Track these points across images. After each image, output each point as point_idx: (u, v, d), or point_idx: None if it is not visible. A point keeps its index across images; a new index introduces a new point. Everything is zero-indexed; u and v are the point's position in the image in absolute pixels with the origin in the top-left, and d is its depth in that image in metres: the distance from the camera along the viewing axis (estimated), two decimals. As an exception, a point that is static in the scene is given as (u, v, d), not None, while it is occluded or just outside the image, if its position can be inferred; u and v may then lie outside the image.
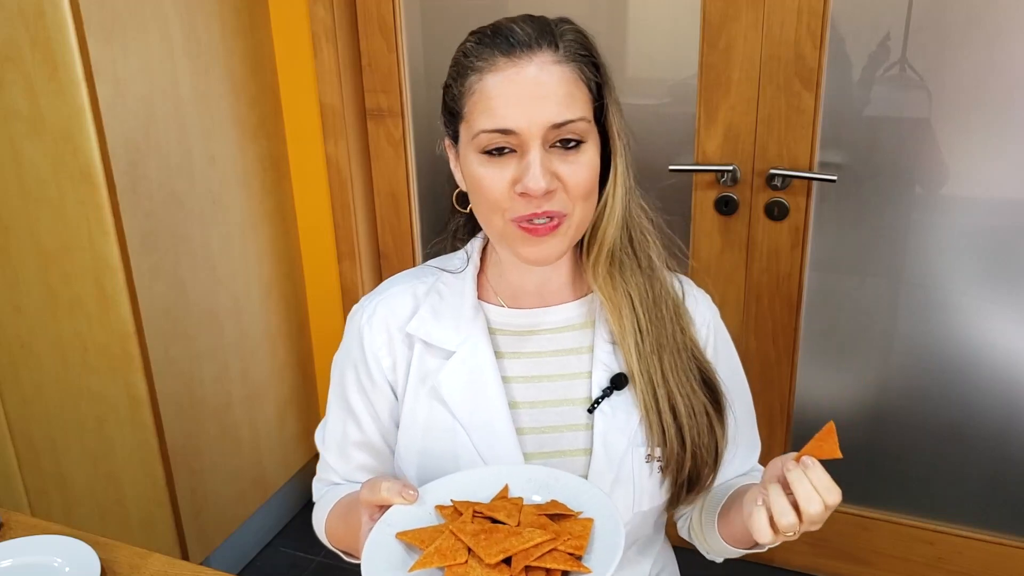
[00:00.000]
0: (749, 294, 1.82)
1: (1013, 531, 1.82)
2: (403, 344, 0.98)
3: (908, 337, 1.78)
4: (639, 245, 0.95)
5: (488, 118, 0.85)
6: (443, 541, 0.78)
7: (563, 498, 0.84)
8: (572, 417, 0.96)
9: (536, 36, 0.86)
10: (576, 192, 0.87)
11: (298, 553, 2.15)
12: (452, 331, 0.97)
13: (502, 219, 0.88)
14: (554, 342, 0.98)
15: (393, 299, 1.00)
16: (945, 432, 1.80)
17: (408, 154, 2.03)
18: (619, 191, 0.91)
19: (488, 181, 0.87)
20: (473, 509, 0.82)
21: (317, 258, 2.14)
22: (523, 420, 0.96)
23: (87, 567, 1.04)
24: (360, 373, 1.00)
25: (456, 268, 1.00)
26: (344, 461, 1.06)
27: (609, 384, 0.96)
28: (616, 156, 0.91)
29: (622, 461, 0.94)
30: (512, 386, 0.97)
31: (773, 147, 1.69)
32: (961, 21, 1.54)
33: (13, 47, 1.51)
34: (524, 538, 0.77)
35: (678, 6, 1.71)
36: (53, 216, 1.62)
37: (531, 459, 0.95)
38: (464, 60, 0.88)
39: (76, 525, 1.21)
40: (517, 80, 0.84)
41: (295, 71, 1.97)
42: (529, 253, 0.89)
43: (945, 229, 1.68)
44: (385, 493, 0.83)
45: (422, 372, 0.97)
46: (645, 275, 0.95)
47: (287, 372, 2.16)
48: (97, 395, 1.76)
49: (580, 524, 0.80)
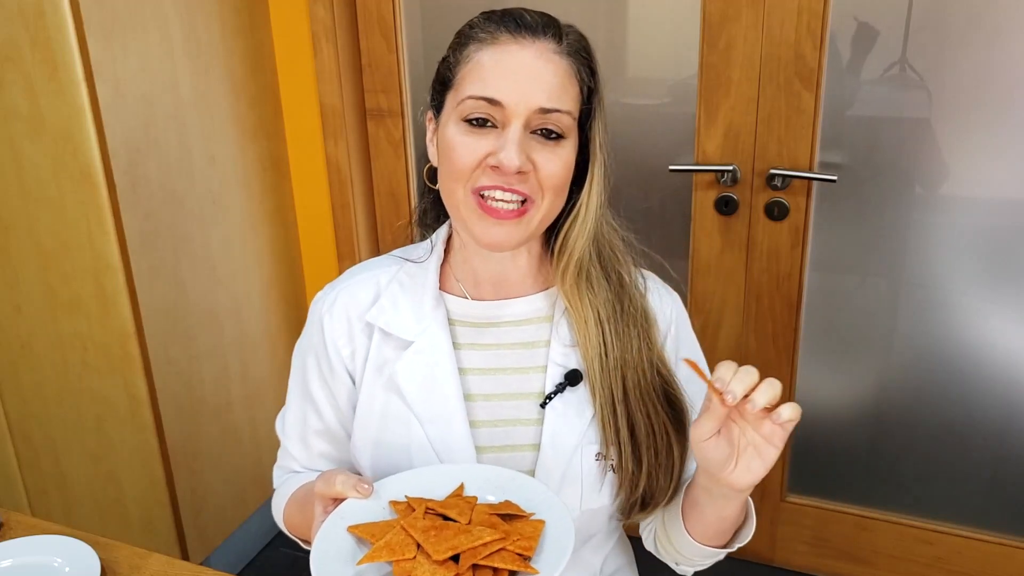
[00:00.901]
0: (749, 294, 1.82)
1: (1013, 531, 1.82)
2: (362, 333, 0.98)
3: (908, 337, 1.78)
4: (609, 261, 0.95)
5: (479, 86, 0.86)
6: (393, 536, 0.79)
7: (517, 499, 0.85)
8: (524, 411, 0.96)
9: (543, 25, 0.88)
10: (548, 182, 0.87)
11: (298, 553, 2.15)
12: (412, 321, 0.96)
13: (464, 190, 0.88)
14: (512, 335, 0.97)
15: (355, 287, 1.00)
16: (945, 432, 1.80)
17: (408, 154, 2.03)
18: (593, 200, 0.91)
19: (462, 148, 0.87)
20: (426, 506, 0.83)
21: (317, 258, 2.14)
22: (477, 413, 0.96)
23: (87, 567, 1.04)
24: (320, 361, 1.01)
25: (420, 258, 1.01)
26: (304, 449, 1.06)
27: (563, 380, 0.95)
28: (594, 164, 0.91)
29: (571, 458, 0.94)
30: (469, 378, 0.97)
31: (773, 147, 1.69)
32: (961, 21, 1.54)
33: (13, 47, 1.51)
34: (473, 536, 0.78)
35: (678, 6, 1.71)
36: (53, 216, 1.62)
37: (482, 452, 0.96)
38: (468, 31, 0.90)
39: (76, 525, 1.21)
40: (516, 57, 0.85)
41: (295, 71, 1.97)
42: (485, 235, 0.88)
43: (945, 229, 1.68)
44: (340, 487, 0.84)
45: (379, 361, 0.97)
46: (614, 291, 0.94)
47: (287, 372, 2.15)
48: (97, 395, 1.76)
49: (531, 525, 0.81)
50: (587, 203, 0.91)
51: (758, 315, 1.84)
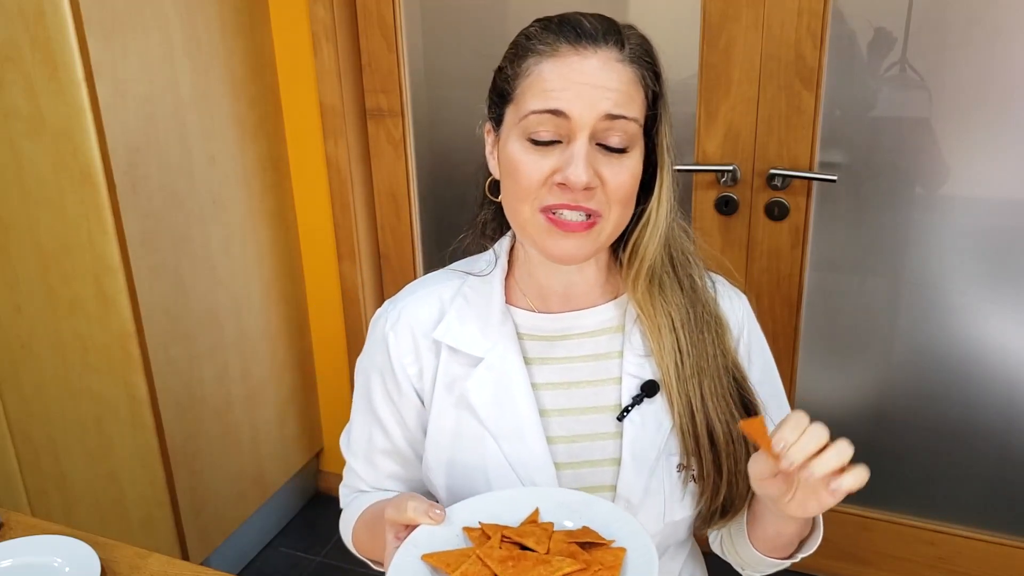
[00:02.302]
0: (749, 294, 1.81)
1: (1014, 531, 1.82)
2: (429, 351, 0.96)
3: (908, 337, 1.78)
4: (680, 265, 0.93)
5: (541, 99, 0.83)
6: (469, 566, 0.76)
7: (595, 525, 0.81)
8: (601, 425, 0.93)
9: (604, 31, 0.84)
10: (615, 195, 0.85)
11: (298, 553, 2.15)
12: (479, 337, 0.94)
13: (531, 208, 0.85)
14: (584, 347, 0.95)
15: (418, 304, 0.97)
16: (946, 432, 1.80)
17: (408, 154, 2.03)
18: (663, 206, 0.89)
19: (527, 167, 0.84)
20: (502, 533, 0.80)
21: (317, 258, 2.14)
22: (553, 428, 0.94)
23: (87, 567, 1.04)
24: (386, 380, 0.98)
25: (482, 271, 0.98)
26: (371, 469, 1.04)
27: (640, 391, 0.93)
28: (663, 170, 0.89)
29: (652, 471, 0.91)
30: (541, 393, 0.94)
31: (773, 147, 1.69)
32: (961, 21, 1.54)
33: (13, 47, 1.51)
34: (553, 567, 0.75)
35: (678, 6, 1.71)
36: (53, 216, 1.62)
37: (561, 468, 0.93)
38: (525, 43, 0.86)
39: (76, 525, 1.21)
40: (578, 68, 0.82)
41: (295, 71, 1.97)
42: (555, 248, 0.86)
43: (945, 229, 1.68)
44: (411, 513, 0.81)
45: (449, 379, 0.95)
46: (687, 296, 0.92)
47: (287, 372, 2.16)
48: (97, 395, 1.76)
49: (612, 554, 0.77)
50: (657, 209, 0.89)
51: (758, 315, 1.82)
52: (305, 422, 2.25)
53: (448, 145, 2.01)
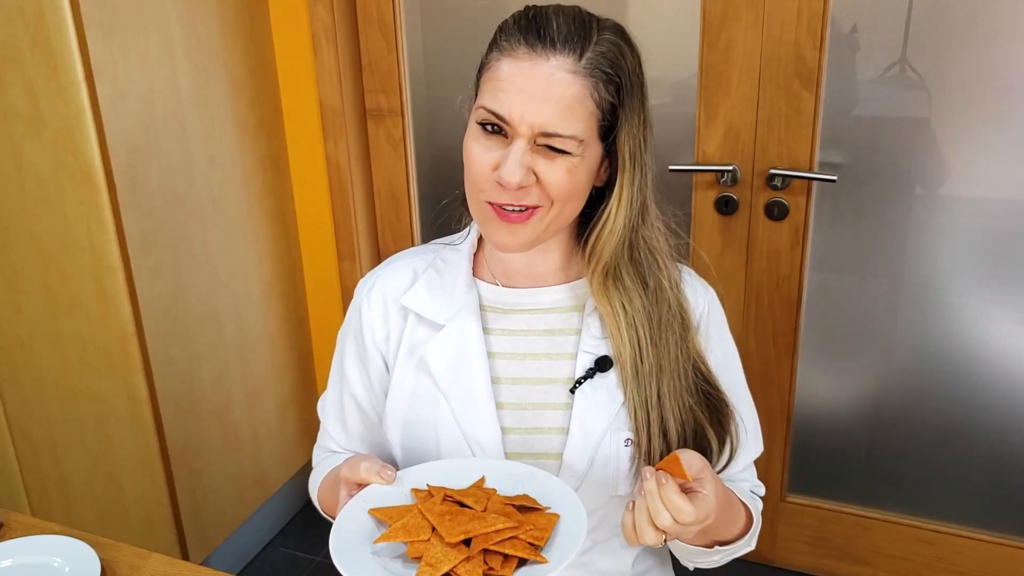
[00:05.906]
0: (749, 294, 1.82)
1: (1013, 531, 1.82)
2: (398, 316, 1.01)
3: (908, 337, 1.78)
4: (647, 267, 0.94)
5: (491, 98, 0.86)
6: (410, 518, 0.82)
7: (536, 494, 0.87)
8: (553, 396, 0.97)
9: (566, 37, 0.84)
10: (552, 192, 0.87)
11: (298, 553, 2.15)
12: (444, 305, 0.99)
13: (478, 199, 0.90)
14: (541, 322, 0.99)
15: (393, 273, 1.03)
16: (945, 432, 1.80)
17: (408, 154, 2.03)
18: (623, 211, 0.90)
19: (474, 156, 0.89)
20: (445, 493, 0.86)
21: (317, 258, 2.14)
22: (503, 395, 0.98)
23: (87, 567, 1.04)
24: (356, 343, 1.04)
25: (453, 241, 1.04)
26: (343, 430, 1.10)
27: (593, 365, 0.96)
28: (623, 176, 0.89)
29: (600, 442, 0.95)
30: (496, 361, 0.98)
31: (773, 147, 1.69)
32: (961, 21, 1.54)
33: (13, 47, 1.51)
34: (487, 523, 0.80)
35: (678, 6, 1.71)
36: (53, 216, 1.62)
37: (508, 433, 0.97)
38: (499, 34, 0.89)
39: (76, 525, 1.21)
40: (528, 75, 0.84)
41: (295, 71, 1.97)
42: (496, 235, 0.90)
43: (945, 229, 1.68)
44: (364, 472, 0.88)
45: (412, 343, 1.00)
46: (651, 296, 0.94)
47: (287, 372, 2.16)
48: (97, 395, 1.76)
49: (545, 518, 0.83)
50: (616, 212, 0.90)
51: (758, 315, 1.84)
52: (305, 422, 2.25)
53: (448, 145, 2.01)
